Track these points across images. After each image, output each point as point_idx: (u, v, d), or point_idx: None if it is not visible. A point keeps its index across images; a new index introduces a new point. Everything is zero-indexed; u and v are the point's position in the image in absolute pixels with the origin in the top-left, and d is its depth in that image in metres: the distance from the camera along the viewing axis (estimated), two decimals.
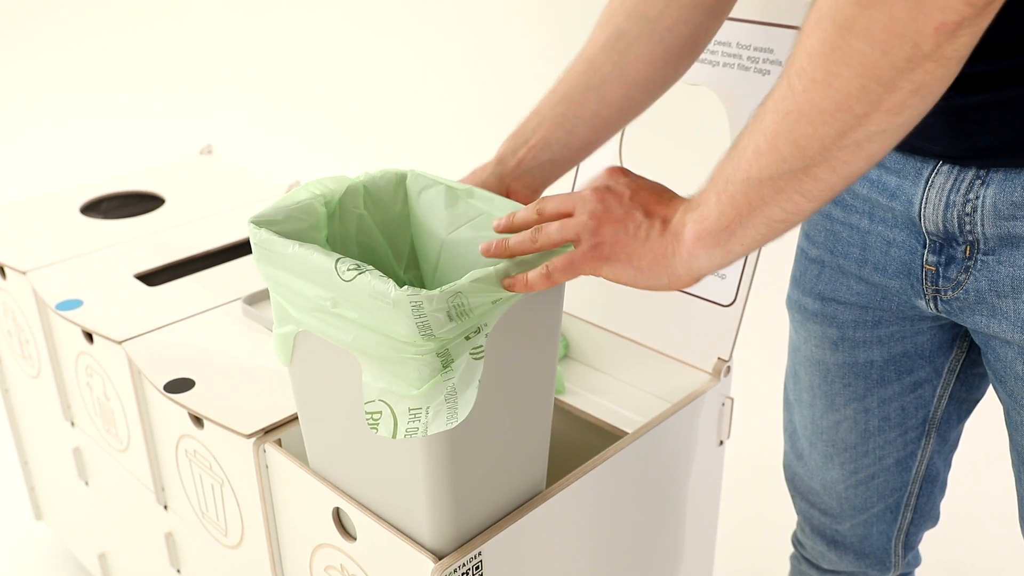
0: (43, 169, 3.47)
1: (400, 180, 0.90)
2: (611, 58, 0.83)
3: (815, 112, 0.56)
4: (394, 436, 0.74)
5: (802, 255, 0.95)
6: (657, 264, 0.69)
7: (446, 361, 0.71)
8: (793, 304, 0.98)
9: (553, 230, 0.72)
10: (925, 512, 1.04)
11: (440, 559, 0.79)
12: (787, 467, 1.09)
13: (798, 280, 0.96)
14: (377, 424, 0.75)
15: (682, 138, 2.54)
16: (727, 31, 1.04)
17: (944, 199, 0.76)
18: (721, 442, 1.10)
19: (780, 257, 1.09)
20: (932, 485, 1.02)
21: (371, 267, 0.70)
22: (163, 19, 4.23)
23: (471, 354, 0.73)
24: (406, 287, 0.68)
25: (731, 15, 1.04)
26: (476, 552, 0.80)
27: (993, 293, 0.77)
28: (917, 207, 0.79)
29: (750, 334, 1.31)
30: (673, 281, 0.70)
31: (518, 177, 0.86)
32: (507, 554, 0.84)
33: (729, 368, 1.05)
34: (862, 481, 1.00)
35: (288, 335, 0.82)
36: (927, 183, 0.77)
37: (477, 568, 0.81)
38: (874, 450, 0.98)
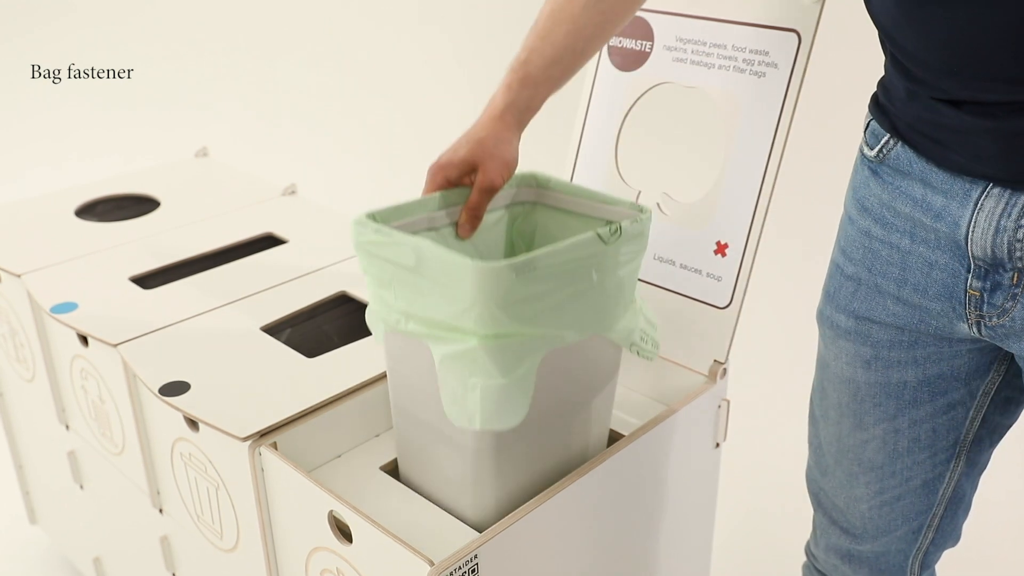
0: (38, 172, 3.46)
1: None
2: (592, 19, 0.89)
3: None
4: (469, 423, 0.82)
5: (837, 271, 0.92)
6: None
7: (515, 356, 0.81)
8: (825, 320, 0.94)
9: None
10: (947, 532, 1.01)
11: (435, 563, 0.79)
12: (811, 481, 1.06)
13: (832, 296, 0.93)
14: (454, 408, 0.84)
15: (677, 140, 2.54)
16: (722, 33, 1.04)
17: (994, 224, 0.74)
18: (717, 444, 1.10)
19: (777, 259, 1.09)
20: (957, 506, 0.99)
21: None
22: (158, 20, 4.23)
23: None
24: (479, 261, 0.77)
25: (728, 18, 1.04)
26: (472, 555, 0.80)
27: None
28: (964, 230, 0.77)
29: (746, 336, 1.31)
30: None
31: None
32: (503, 557, 0.84)
33: (725, 370, 1.05)
34: (887, 502, 0.97)
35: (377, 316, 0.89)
36: (976, 206, 0.75)
37: (473, 571, 0.81)
38: (901, 471, 0.95)
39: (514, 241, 1.00)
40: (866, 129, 0.87)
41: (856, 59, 2.08)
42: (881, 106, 0.85)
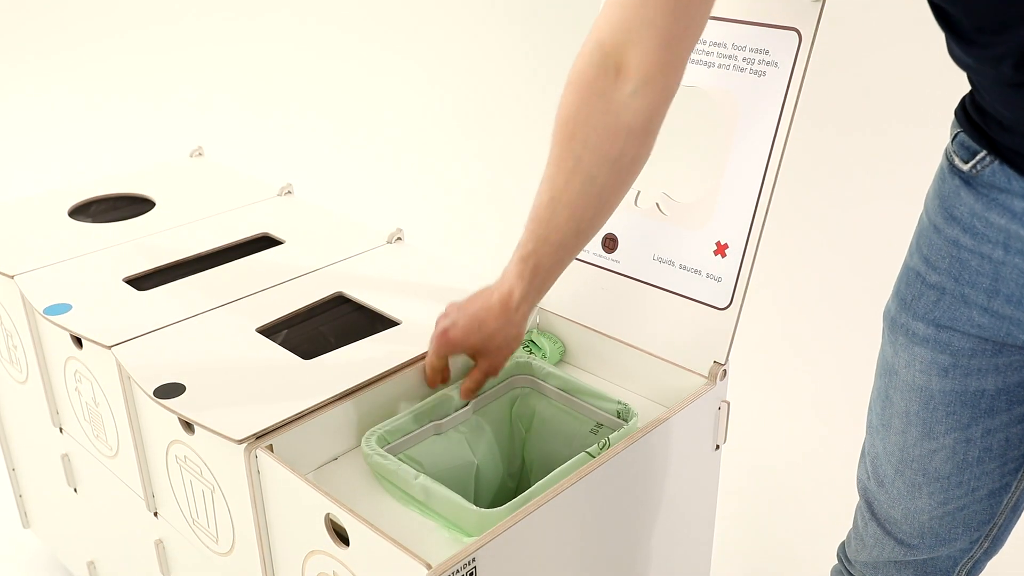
0: (31, 172, 3.45)
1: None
2: (591, 202, 0.93)
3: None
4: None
5: (917, 279, 0.90)
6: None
7: None
8: (899, 327, 0.92)
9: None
10: (999, 541, 0.99)
11: (433, 566, 0.78)
12: (865, 491, 1.03)
13: (909, 304, 0.90)
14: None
15: (676, 140, 2.54)
16: (722, 32, 1.04)
17: None
18: (717, 447, 1.10)
19: (777, 259, 1.08)
20: (1014, 515, 0.97)
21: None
22: (152, 20, 4.22)
23: None
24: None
25: (727, 16, 1.04)
26: (470, 558, 0.79)
27: None
28: None
29: (746, 337, 1.30)
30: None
31: None
32: (501, 560, 0.83)
33: (725, 372, 1.05)
34: (949, 512, 0.95)
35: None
36: None
37: (471, 574, 0.80)
38: (968, 481, 0.93)
39: (513, 420, 1.10)
40: (953, 139, 0.85)
41: (857, 58, 2.08)
42: (974, 123, 0.82)
